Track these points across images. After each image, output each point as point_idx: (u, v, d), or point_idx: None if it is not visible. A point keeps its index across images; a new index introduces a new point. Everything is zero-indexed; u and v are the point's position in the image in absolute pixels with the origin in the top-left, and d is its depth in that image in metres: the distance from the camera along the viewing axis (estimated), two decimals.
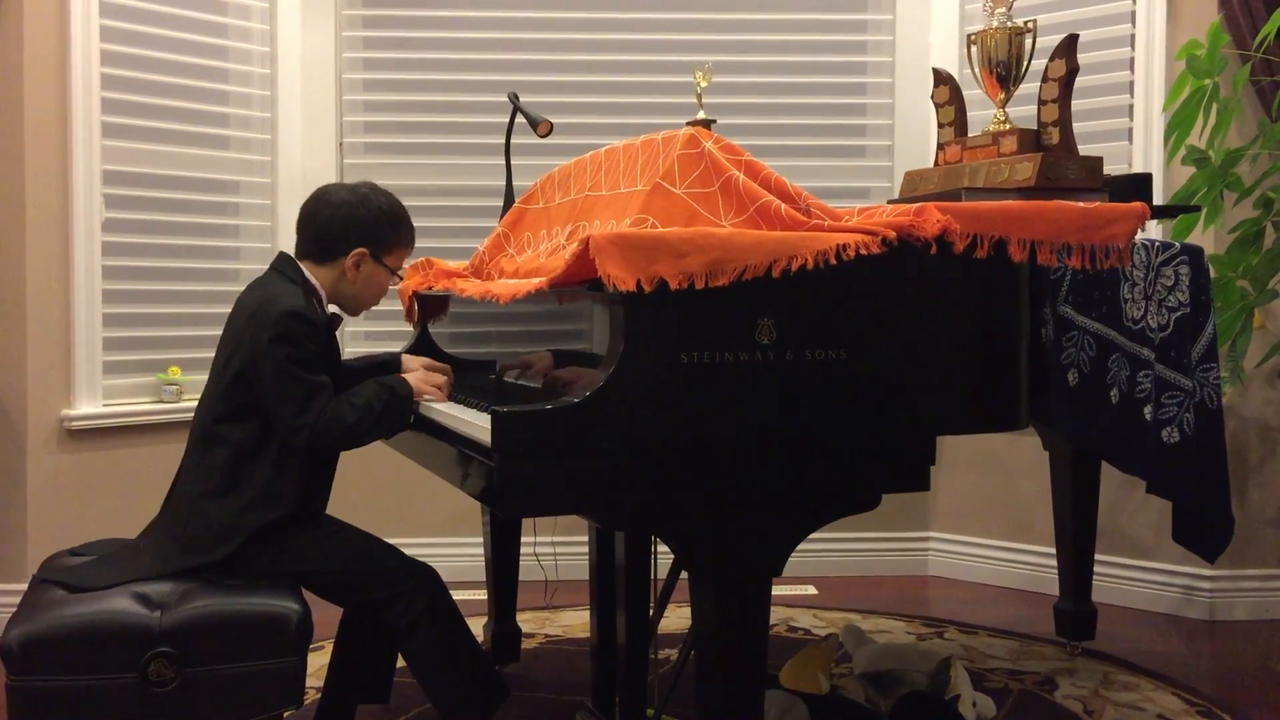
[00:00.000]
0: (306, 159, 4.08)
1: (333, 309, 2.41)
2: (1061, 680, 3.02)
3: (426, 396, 2.30)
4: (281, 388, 2.16)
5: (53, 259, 3.54)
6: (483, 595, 3.18)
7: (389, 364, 2.52)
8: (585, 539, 2.55)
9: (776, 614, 3.58)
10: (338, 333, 2.37)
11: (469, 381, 2.60)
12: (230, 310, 2.32)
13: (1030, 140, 2.58)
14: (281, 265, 2.34)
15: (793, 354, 1.86)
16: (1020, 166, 2.51)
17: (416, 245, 2.96)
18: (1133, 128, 3.75)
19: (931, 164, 2.88)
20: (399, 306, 3.05)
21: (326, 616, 2.36)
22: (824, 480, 1.90)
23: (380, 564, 2.24)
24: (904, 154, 4.13)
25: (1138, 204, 2.16)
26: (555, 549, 3.45)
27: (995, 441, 3.93)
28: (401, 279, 2.46)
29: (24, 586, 2.26)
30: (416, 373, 2.38)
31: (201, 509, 2.19)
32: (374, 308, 2.44)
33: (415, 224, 4.08)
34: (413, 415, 2.27)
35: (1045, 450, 3.21)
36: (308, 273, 2.33)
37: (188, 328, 3.88)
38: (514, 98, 3.19)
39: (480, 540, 3.15)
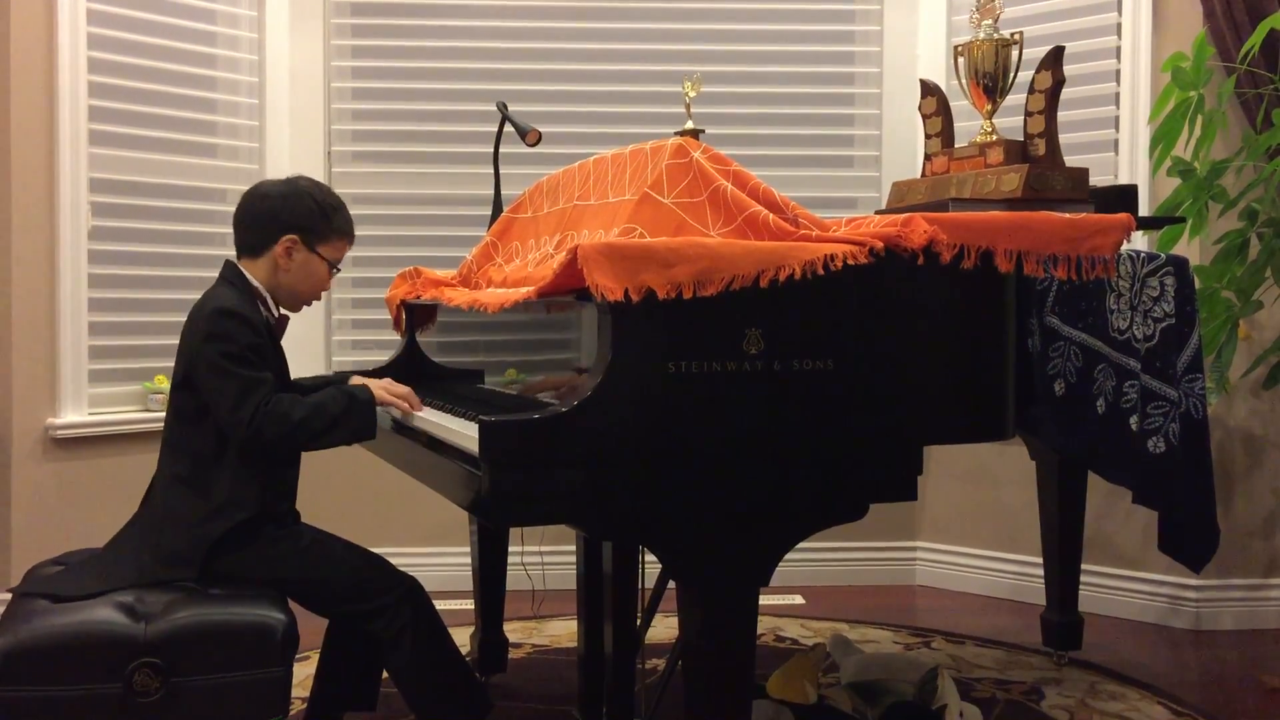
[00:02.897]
0: (294, 167, 4.05)
1: (281, 310, 2.38)
2: (1048, 690, 3.02)
3: (391, 409, 2.29)
4: (217, 384, 2.15)
5: (39, 267, 3.53)
6: (470, 605, 3.17)
7: (341, 382, 2.49)
8: (573, 549, 2.55)
9: (764, 623, 3.57)
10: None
11: (456, 390, 2.60)
12: None
13: (1016, 151, 2.60)
14: (225, 271, 2.34)
15: (780, 364, 1.86)
16: (1007, 177, 2.52)
17: (405, 254, 2.91)
18: (1118, 139, 3.77)
19: (919, 175, 2.89)
20: (386, 316, 3.05)
21: (313, 626, 2.35)
22: (811, 490, 1.90)
23: (364, 575, 2.23)
24: (891, 164, 4.15)
25: (1123, 215, 2.17)
26: (543, 559, 3.45)
27: (982, 452, 3.94)
28: (339, 271, 2.41)
29: (8, 596, 2.25)
30: (379, 382, 2.37)
31: (171, 517, 2.19)
32: (366, 319, 2.43)
33: (403, 233, 4.15)
34: (377, 424, 2.24)
35: (1032, 460, 3.22)
36: (248, 274, 2.31)
37: (174, 337, 3.76)
38: (502, 107, 3.19)
39: (468, 550, 3.15)
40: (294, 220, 2.31)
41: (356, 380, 2.45)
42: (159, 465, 2.27)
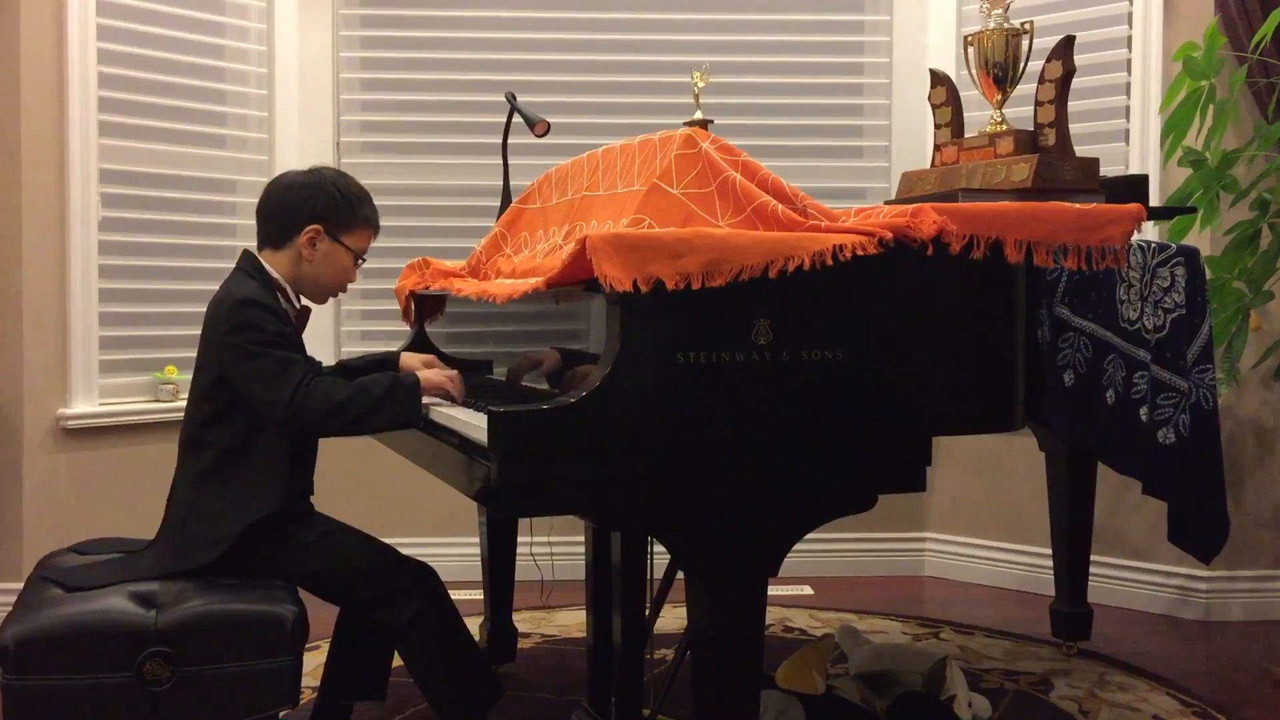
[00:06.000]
0: (303, 158, 4.06)
1: (303, 302, 2.37)
2: (1057, 681, 3.02)
3: (436, 395, 2.24)
4: (251, 368, 2.12)
5: (50, 258, 3.54)
6: (479, 595, 3.18)
7: (386, 361, 2.50)
8: (582, 539, 2.56)
9: (773, 614, 3.58)
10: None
11: (465, 381, 2.60)
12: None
13: (1027, 141, 2.59)
14: (243, 262, 2.31)
15: (789, 354, 1.86)
16: (1017, 168, 2.51)
17: (414, 245, 2.89)
18: (1129, 129, 3.75)
19: (928, 165, 2.88)
20: (395, 306, 3.05)
21: (323, 616, 2.36)
22: (820, 481, 1.90)
23: (377, 563, 2.24)
24: (901, 155, 4.14)
25: (1134, 205, 2.17)
26: (551, 549, 3.45)
27: (991, 442, 3.93)
28: (364, 262, 2.39)
29: (20, 585, 2.26)
30: (424, 358, 2.34)
31: (194, 514, 2.19)
32: (375, 309, 2.43)
33: (412, 223, 4.15)
34: (422, 410, 2.18)
35: (1041, 451, 3.22)
36: (268, 265, 2.29)
37: (184, 327, 3.88)
38: (511, 97, 3.18)
39: (476, 540, 3.15)
40: (318, 210, 2.29)
41: (405, 358, 2.45)
42: (179, 464, 2.26)
